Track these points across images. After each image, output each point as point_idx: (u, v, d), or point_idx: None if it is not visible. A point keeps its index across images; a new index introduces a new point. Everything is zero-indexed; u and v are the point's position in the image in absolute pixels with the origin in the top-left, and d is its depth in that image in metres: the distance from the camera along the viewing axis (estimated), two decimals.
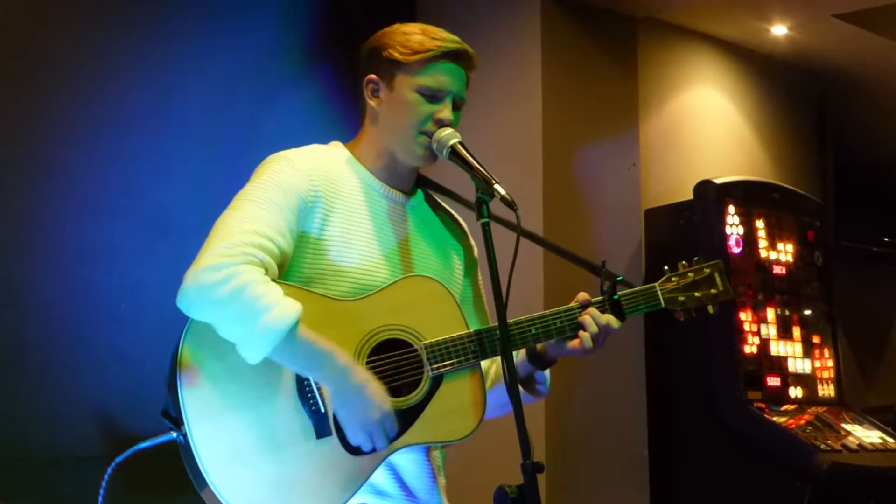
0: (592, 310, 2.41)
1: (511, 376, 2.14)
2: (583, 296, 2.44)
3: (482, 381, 2.36)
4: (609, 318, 2.40)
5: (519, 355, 2.47)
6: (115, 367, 3.69)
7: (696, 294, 2.54)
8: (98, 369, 3.68)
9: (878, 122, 6.32)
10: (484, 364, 2.42)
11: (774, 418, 4.50)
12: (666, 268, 2.56)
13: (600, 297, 2.45)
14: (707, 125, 5.42)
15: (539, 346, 2.44)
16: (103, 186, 3.81)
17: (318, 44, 4.47)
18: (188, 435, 2.16)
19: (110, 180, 3.82)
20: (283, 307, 2.16)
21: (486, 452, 3.42)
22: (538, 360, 2.46)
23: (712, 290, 2.55)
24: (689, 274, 2.55)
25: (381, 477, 2.32)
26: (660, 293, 2.51)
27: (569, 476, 4.45)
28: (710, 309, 2.55)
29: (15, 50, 3.70)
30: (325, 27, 4.50)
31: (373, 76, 2.41)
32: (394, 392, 2.28)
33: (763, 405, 4.57)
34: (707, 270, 2.56)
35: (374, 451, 2.23)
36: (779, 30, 5.25)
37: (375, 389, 2.22)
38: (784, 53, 5.56)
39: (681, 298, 2.52)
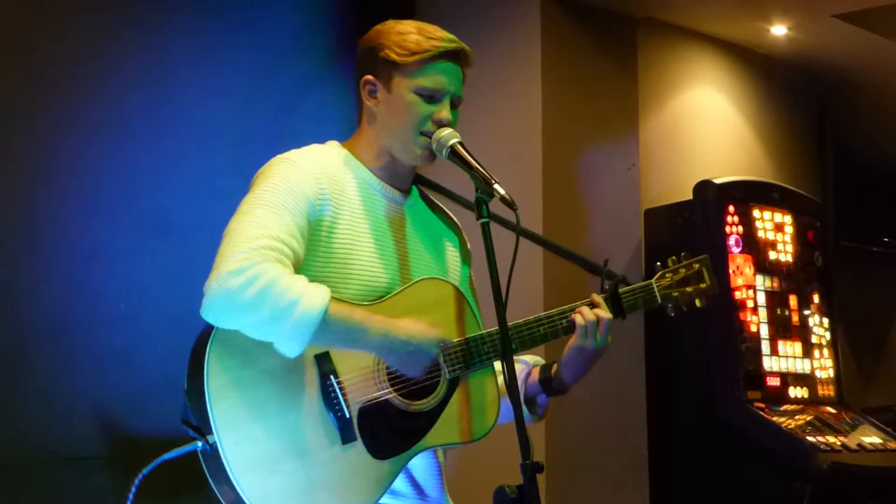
0: (583, 308, 2.42)
1: (511, 377, 2.14)
2: (594, 297, 2.45)
3: (496, 381, 2.38)
4: (598, 311, 2.42)
5: (532, 375, 2.49)
6: (114, 367, 3.69)
7: (688, 289, 2.58)
8: (98, 369, 3.68)
9: (878, 122, 6.33)
10: None
11: (774, 418, 4.50)
12: (658, 264, 2.59)
13: (602, 296, 2.46)
14: (707, 125, 5.42)
15: (553, 370, 2.46)
16: (103, 186, 3.81)
17: (320, 46, 4.47)
18: (217, 443, 2.15)
19: (110, 180, 3.82)
20: (311, 295, 2.16)
21: (486, 452, 3.42)
22: (549, 387, 2.47)
23: (701, 285, 2.59)
24: (681, 270, 2.59)
25: None
26: (656, 290, 2.55)
27: (569, 476, 4.45)
28: (698, 303, 2.59)
29: (15, 49, 3.70)
30: (327, 29, 4.50)
31: (369, 77, 2.40)
32: (412, 395, 2.30)
33: (763, 405, 4.57)
34: (696, 266, 2.61)
35: (405, 443, 2.27)
36: (779, 30, 5.25)
37: (421, 332, 2.26)
38: (784, 53, 5.56)
39: (674, 294, 2.57)
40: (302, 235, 2.27)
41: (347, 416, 2.23)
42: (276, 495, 2.17)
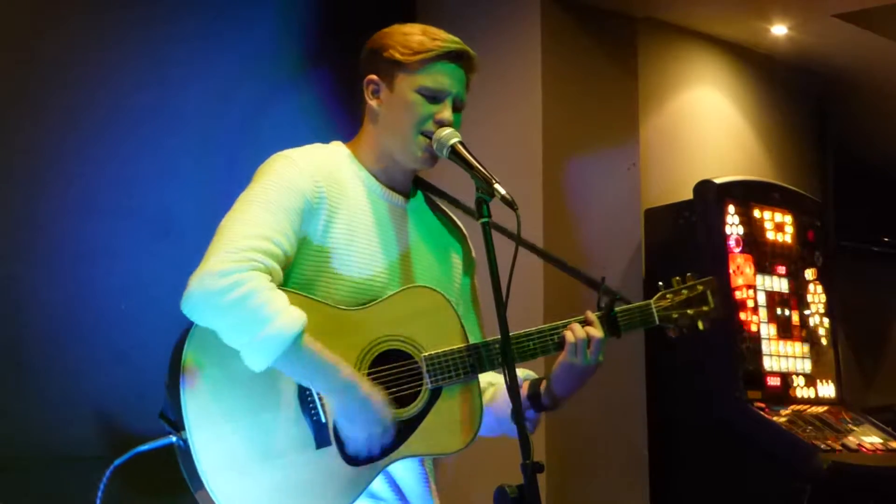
0: (574, 325, 2.40)
1: (511, 378, 2.14)
2: (589, 315, 2.43)
3: (479, 395, 2.35)
4: (589, 329, 2.39)
5: (522, 390, 2.45)
6: (114, 367, 3.69)
7: (689, 312, 2.55)
8: (97, 369, 3.68)
9: (878, 122, 6.33)
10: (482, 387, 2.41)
11: (774, 418, 4.51)
12: (661, 284, 2.56)
13: (597, 314, 2.44)
14: (707, 125, 5.42)
15: (542, 385, 2.44)
16: (103, 186, 3.81)
17: (318, 45, 4.47)
18: (189, 440, 2.15)
19: (110, 180, 3.82)
20: (288, 317, 2.15)
21: (487, 452, 3.43)
22: (537, 402, 2.45)
23: (704, 308, 2.56)
24: (683, 291, 2.55)
25: (376, 482, 2.32)
26: (654, 311, 2.52)
27: (569, 476, 4.45)
28: (700, 325, 2.56)
29: (15, 50, 3.70)
30: (326, 28, 4.50)
31: (373, 76, 2.40)
32: (392, 404, 2.27)
33: (763, 405, 4.57)
34: (700, 288, 2.57)
35: (369, 458, 2.24)
36: (779, 30, 5.25)
37: (378, 402, 2.22)
38: (784, 53, 5.56)
39: (674, 316, 2.54)
40: (295, 234, 2.26)
41: (323, 420, 2.22)
42: (245, 496, 2.17)
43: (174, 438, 2.20)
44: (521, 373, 2.50)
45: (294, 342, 2.15)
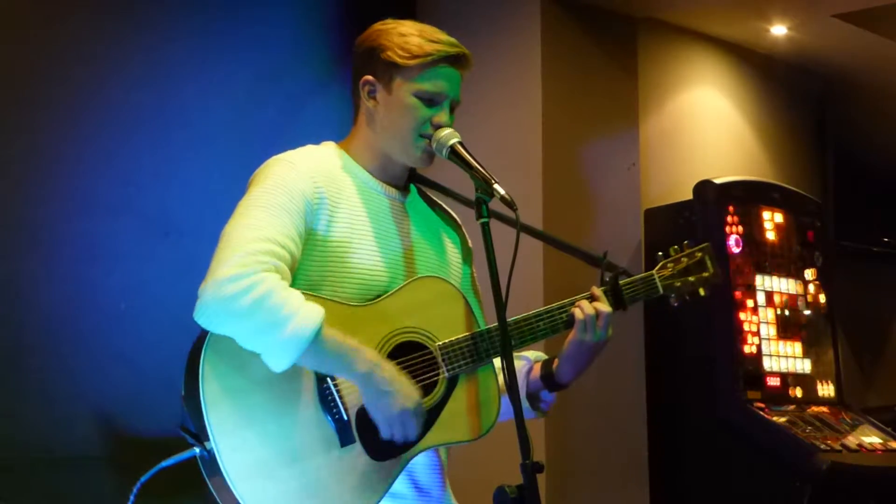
0: (582, 301, 2.42)
1: (511, 376, 2.15)
2: (594, 290, 2.45)
3: (496, 379, 2.37)
4: (598, 305, 2.41)
5: (534, 371, 2.48)
6: (114, 367, 3.69)
7: (690, 279, 2.57)
8: (98, 369, 3.68)
9: (878, 123, 6.33)
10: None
11: (774, 418, 4.51)
12: (660, 254, 2.58)
13: (602, 288, 2.46)
14: (707, 125, 5.42)
15: (554, 365, 2.45)
16: (104, 187, 3.81)
17: (319, 44, 4.47)
18: (214, 450, 2.14)
19: (111, 180, 3.82)
20: (305, 313, 2.15)
21: (486, 452, 3.43)
22: (550, 382, 2.46)
23: (704, 274, 2.58)
24: (683, 259, 2.58)
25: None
26: (657, 280, 2.54)
27: (569, 476, 4.45)
28: (702, 291, 2.58)
29: (16, 49, 3.70)
30: (326, 27, 4.50)
31: (370, 77, 2.39)
32: None
33: (763, 405, 4.57)
34: (699, 254, 2.59)
35: (404, 444, 2.24)
36: (779, 30, 5.26)
37: (403, 382, 2.23)
38: (784, 53, 5.56)
39: (677, 284, 2.56)
40: (299, 235, 2.26)
41: (345, 418, 2.22)
42: (275, 501, 2.17)
43: (197, 450, 2.18)
44: (532, 354, 2.53)
45: (314, 338, 2.15)
